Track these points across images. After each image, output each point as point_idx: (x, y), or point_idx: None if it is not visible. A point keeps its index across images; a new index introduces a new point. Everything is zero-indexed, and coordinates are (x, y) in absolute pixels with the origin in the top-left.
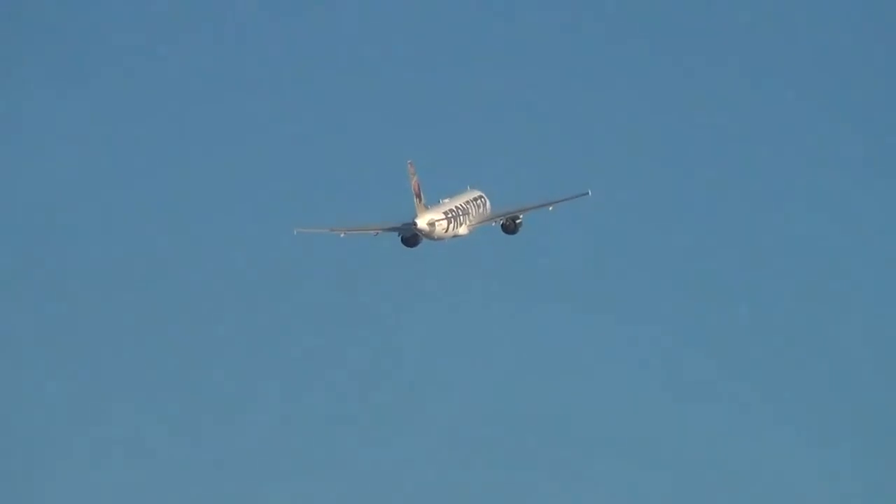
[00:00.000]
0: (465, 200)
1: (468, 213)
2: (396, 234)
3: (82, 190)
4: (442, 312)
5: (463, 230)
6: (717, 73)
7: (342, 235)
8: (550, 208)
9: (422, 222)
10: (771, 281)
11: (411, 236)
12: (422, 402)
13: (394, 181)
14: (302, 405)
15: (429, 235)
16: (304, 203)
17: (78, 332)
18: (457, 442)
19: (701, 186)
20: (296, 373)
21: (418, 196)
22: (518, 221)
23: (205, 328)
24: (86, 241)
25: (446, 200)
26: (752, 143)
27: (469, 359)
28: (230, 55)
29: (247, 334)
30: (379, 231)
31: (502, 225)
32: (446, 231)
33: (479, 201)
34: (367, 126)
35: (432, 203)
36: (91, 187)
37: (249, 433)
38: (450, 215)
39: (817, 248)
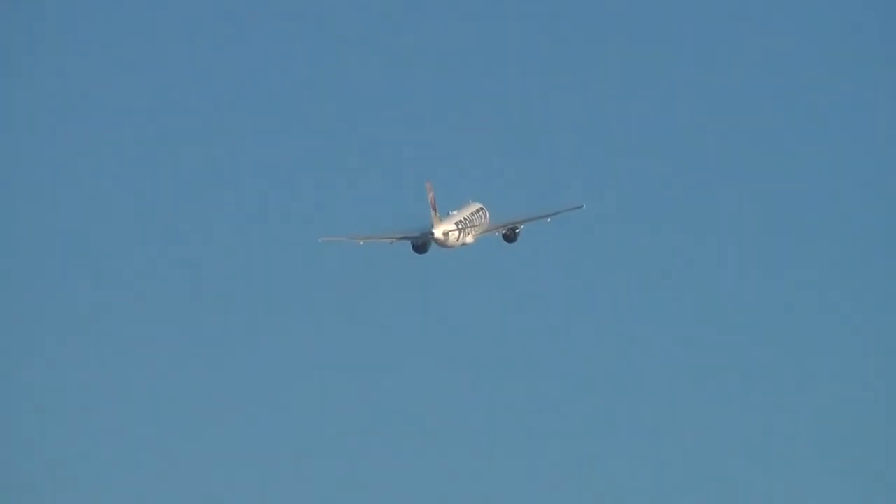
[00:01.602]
0: (470, 212)
1: (473, 224)
2: (409, 241)
3: (112, 205)
4: (454, 310)
5: (469, 238)
6: (712, 78)
7: (360, 244)
8: (548, 219)
9: (438, 232)
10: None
11: (422, 244)
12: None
13: (394, 192)
14: (330, 404)
15: (443, 244)
16: (329, 213)
17: (107, 343)
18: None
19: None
20: (326, 372)
21: (434, 209)
22: (517, 231)
23: (238, 330)
24: (116, 252)
25: (455, 213)
26: (752, 148)
27: (482, 354)
28: (252, 66)
29: (281, 334)
30: (394, 239)
31: (503, 234)
32: (457, 240)
33: (480, 212)
34: (374, 141)
35: (442, 215)
36: (119, 198)
37: (265, 434)
38: (460, 226)
39: (817, 254)
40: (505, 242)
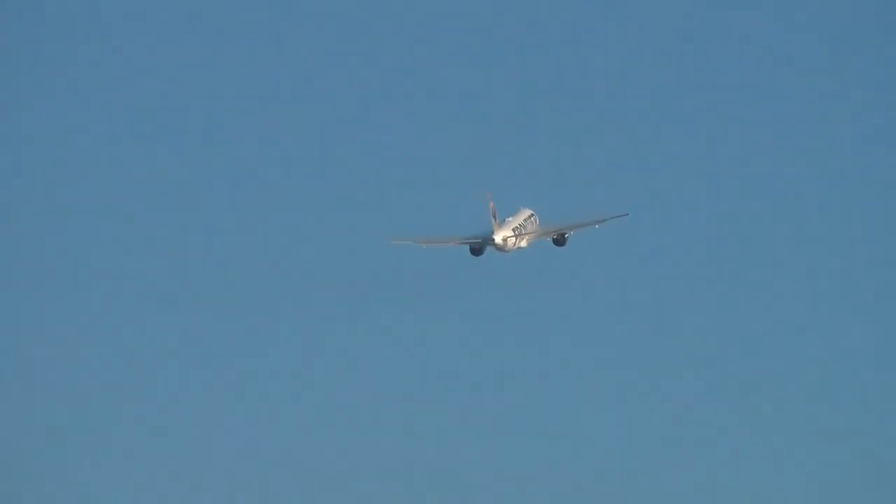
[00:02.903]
0: (523, 218)
1: (527, 230)
2: (468, 245)
3: (186, 205)
4: (512, 310)
5: (524, 243)
6: (764, 88)
7: (424, 247)
8: (596, 226)
9: (498, 238)
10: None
11: (479, 248)
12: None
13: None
14: (404, 400)
15: (501, 248)
16: (398, 217)
17: (174, 344)
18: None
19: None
20: (394, 367)
21: (494, 217)
22: (566, 236)
23: (302, 327)
24: (187, 251)
25: (510, 219)
26: (795, 157)
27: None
28: (306, 68)
29: (360, 326)
30: (457, 243)
31: (553, 239)
32: (514, 245)
33: (531, 218)
34: (425, 152)
35: (500, 221)
36: (187, 198)
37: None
38: (516, 232)
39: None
40: (555, 246)
